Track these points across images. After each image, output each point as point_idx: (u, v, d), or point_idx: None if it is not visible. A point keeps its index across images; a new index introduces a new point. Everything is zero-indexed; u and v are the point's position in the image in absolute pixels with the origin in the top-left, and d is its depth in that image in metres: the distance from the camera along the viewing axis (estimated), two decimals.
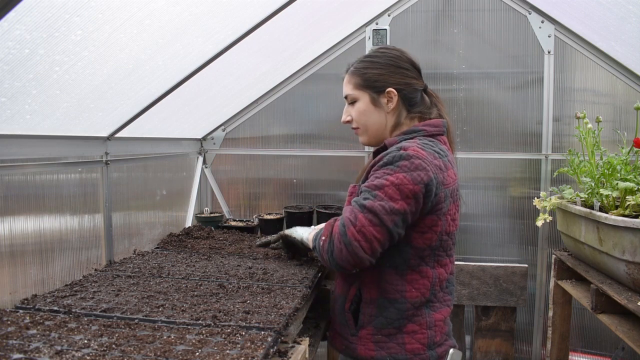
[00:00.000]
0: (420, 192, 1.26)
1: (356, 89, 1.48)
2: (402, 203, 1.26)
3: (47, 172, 1.56)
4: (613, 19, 2.17)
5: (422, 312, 1.37)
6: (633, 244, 1.49)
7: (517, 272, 2.33)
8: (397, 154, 1.30)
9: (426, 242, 1.34)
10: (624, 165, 1.74)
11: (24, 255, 1.46)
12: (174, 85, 1.88)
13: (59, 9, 1.13)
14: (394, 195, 1.26)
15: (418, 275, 1.36)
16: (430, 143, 1.38)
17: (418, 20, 2.69)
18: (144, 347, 1.02)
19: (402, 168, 1.27)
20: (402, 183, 1.26)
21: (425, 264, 1.36)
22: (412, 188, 1.25)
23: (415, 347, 1.35)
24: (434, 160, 1.31)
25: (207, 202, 2.89)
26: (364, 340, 1.39)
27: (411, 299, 1.36)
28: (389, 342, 1.36)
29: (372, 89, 1.46)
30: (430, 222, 1.33)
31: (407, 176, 1.26)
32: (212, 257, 1.84)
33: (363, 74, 1.47)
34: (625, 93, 2.50)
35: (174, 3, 1.44)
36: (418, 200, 1.27)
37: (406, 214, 1.27)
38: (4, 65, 1.17)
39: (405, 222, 1.29)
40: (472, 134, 2.67)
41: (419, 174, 1.26)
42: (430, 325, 1.37)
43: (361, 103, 1.48)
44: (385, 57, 1.48)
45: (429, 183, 1.27)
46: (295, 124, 2.83)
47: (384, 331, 1.37)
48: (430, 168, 1.28)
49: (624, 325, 1.58)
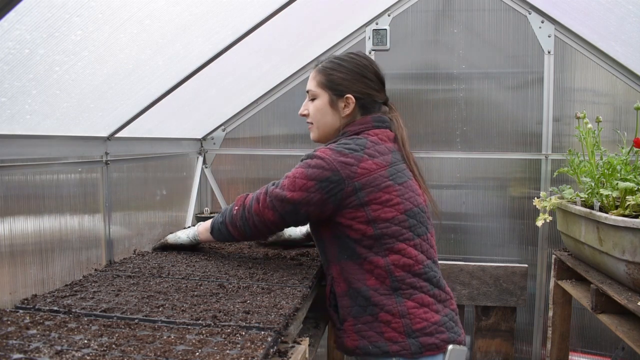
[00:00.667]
0: (313, 187, 1.39)
1: (319, 87, 1.56)
2: (293, 194, 1.41)
3: (47, 172, 1.56)
4: (613, 19, 2.17)
5: (392, 301, 1.40)
6: (633, 244, 1.49)
7: (517, 272, 2.33)
8: (307, 154, 1.47)
9: (359, 232, 1.41)
10: (624, 165, 1.74)
11: (24, 255, 1.46)
12: (174, 85, 1.88)
13: (59, 9, 1.13)
14: (289, 186, 1.43)
15: (371, 264, 1.42)
16: (348, 141, 1.46)
17: (418, 20, 2.69)
18: (144, 347, 1.02)
19: (304, 165, 1.44)
20: (297, 177, 1.42)
21: (374, 254, 1.42)
22: (305, 182, 1.40)
23: (392, 335, 1.39)
24: (339, 158, 1.40)
25: (207, 202, 2.89)
26: (348, 332, 1.45)
27: (372, 287, 1.41)
28: (369, 331, 1.41)
29: (333, 90, 1.54)
30: (349, 214, 1.41)
31: (304, 172, 1.42)
32: (212, 257, 1.84)
33: (329, 74, 1.54)
34: (625, 93, 2.50)
35: (174, 3, 1.44)
36: (311, 194, 1.39)
37: (297, 204, 1.42)
38: (4, 65, 1.17)
39: (298, 212, 1.43)
40: (472, 134, 2.67)
41: (315, 171, 1.40)
42: (403, 314, 1.39)
43: (320, 101, 1.56)
44: (352, 64, 1.54)
45: (325, 180, 1.39)
46: (295, 124, 2.83)
47: (362, 319, 1.42)
48: (329, 166, 1.39)
49: (624, 325, 1.58)
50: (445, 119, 2.69)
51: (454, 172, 2.70)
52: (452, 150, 2.69)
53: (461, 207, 2.71)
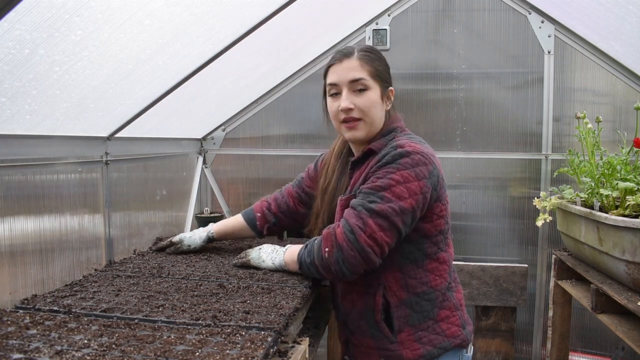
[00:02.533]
0: (425, 186, 1.28)
1: (371, 77, 1.38)
2: (410, 201, 1.25)
3: (47, 172, 1.56)
4: (613, 19, 2.17)
5: (448, 296, 1.39)
6: (633, 244, 1.49)
7: (517, 272, 2.33)
8: (396, 153, 1.29)
9: (437, 229, 1.36)
10: (624, 165, 1.74)
11: (24, 255, 1.46)
12: (174, 85, 1.88)
13: (59, 9, 1.13)
14: (402, 194, 1.25)
15: (436, 262, 1.38)
16: (412, 135, 1.42)
17: (418, 20, 2.69)
18: (144, 347, 1.02)
19: (404, 165, 1.27)
20: (408, 180, 1.25)
21: (440, 250, 1.39)
22: (418, 184, 1.26)
23: (453, 331, 1.37)
24: (428, 150, 1.34)
25: (207, 202, 2.89)
26: (406, 343, 1.35)
27: (437, 287, 1.37)
28: (429, 335, 1.36)
29: (383, 82, 1.42)
30: (437, 209, 1.35)
31: (412, 173, 1.26)
32: (212, 257, 1.84)
33: (376, 66, 1.40)
34: (625, 93, 2.50)
35: (174, 3, 1.44)
36: (425, 195, 1.28)
37: (415, 210, 1.28)
38: (4, 65, 1.17)
39: (415, 219, 1.30)
40: (472, 134, 2.67)
41: (421, 169, 1.28)
42: (457, 306, 1.40)
43: (374, 93, 1.38)
44: (383, 57, 1.49)
45: (431, 175, 1.30)
46: (295, 124, 2.83)
47: (421, 326, 1.36)
48: (428, 160, 1.30)
49: (624, 325, 1.58)
50: (445, 119, 2.69)
51: (454, 172, 2.70)
52: (452, 150, 2.69)
53: (461, 207, 2.71)
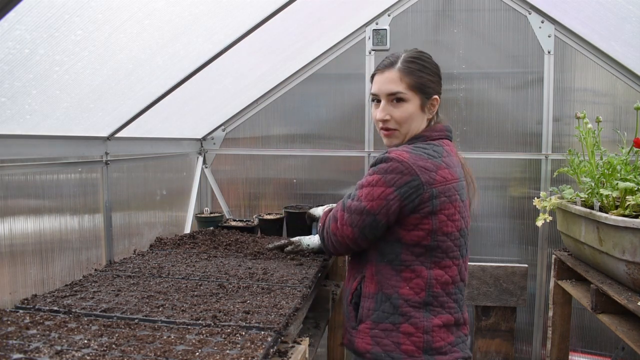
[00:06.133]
0: (392, 194, 1.31)
1: (410, 90, 1.44)
2: (372, 204, 1.33)
3: (47, 172, 1.56)
4: (613, 19, 2.17)
5: (419, 315, 1.36)
6: (633, 244, 1.49)
7: (517, 272, 2.33)
8: (379, 157, 1.37)
9: (414, 239, 1.35)
10: (624, 165, 1.74)
11: (24, 255, 1.46)
12: (174, 85, 1.88)
13: (59, 9, 1.13)
14: (367, 196, 1.34)
15: (413, 273, 1.36)
16: (426, 146, 1.40)
17: (418, 20, 2.69)
18: (144, 347, 1.02)
19: (379, 170, 1.34)
20: (376, 184, 1.33)
21: (420, 263, 1.36)
22: (384, 190, 1.32)
23: (410, 349, 1.35)
24: (419, 162, 1.33)
25: (207, 202, 2.89)
26: (362, 334, 1.40)
27: (404, 296, 1.36)
28: (384, 339, 1.37)
29: (424, 93, 1.46)
30: (415, 220, 1.34)
31: (382, 178, 1.33)
32: (212, 257, 1.84)
33: (419, 76, 1.45)
34: (625, 93, 2.50)
35: (174, 3, 1.44)
36: (390, 201, 1.31)
37: (376, 214, 1.33)
38: (4, 65, 1.17)
39: (378, 222, 1.34)
40: (472, 134, 2.67)
41: (393, 177, 1.31)
42: (427, 330, 1.35)
43: (411, 105, 1.44)
44: (432, 64, 1.51)
45: (404, 185, 1.31)
46: (295, 124, 2.83)
47: (380, 326, 1.38)
48: (408, 170, 1.31)
49: (624, 325, 1.58)
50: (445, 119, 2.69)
51: None
52: None
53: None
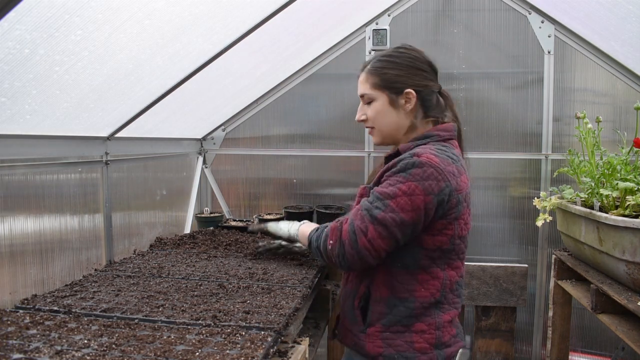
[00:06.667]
0: (431, 202, 1.27)
1: (374, 89, 1.46)
2: (412, 214, 1.27)
3: (47, 172, 1.56)
4: (613, 19, 2.17)
5: (432, 313, 1.38)
6: (633, 244, 1.49)
7: (517, 272, 2.33)
8: (410, 161, 1.30)
9: (436, 244, 1.34)
10: (624, 165, 1.74)
11: (24, 255, 1.46)
12: (174, 85, 1.88)
13: (59, 9, 1.13)
14: (405, 206, 1.27)
15: (429, 276, 1.37)
16: (444, 148, 1.38)
17: (418, 20, 2.69)
18: (144, 347, 1.02)
19: (414, 176, 1.28)
20: (413, 193, 1.27)
21: (436, 266, 1.37)
22: (424, 199, 1.26)
23: (423, 347, 1.36)
24: (448, 167, 1.31)
25: (207, 202, 2.89)
26: (372, 337, 1.39)
27: (420, 299, 1.36)
28: (396, 340, 1.37)
29: (390, 89, 1.45)
30: (441, 225, 1.33)
31: (419, 186, 1.27)
32: (212, 257, 1.84)
33: (382, 73, 1.46)
34: (625, 93, 2.50)
35: (174, 3, 1.44)
36: (429, 210, 1.28)
37: (416, 224, 1.28)
38: (4, 65, 1.17)
39: (415, 231, 1.30)
40: (472, 134, 2.67)
41: (431, 184, 1.27)
42: (438, 326, 1.38)
43: (378, 103, 1.46)
44: (404, 58, 1.47)
45: (441, 192, 1.28)
46: (295, 124, 2.83)
47: (392, 328, 1.37)
48: (442, 176, 1.28)
49: (624, 325, 1.58)
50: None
51: None
52: None
53: None
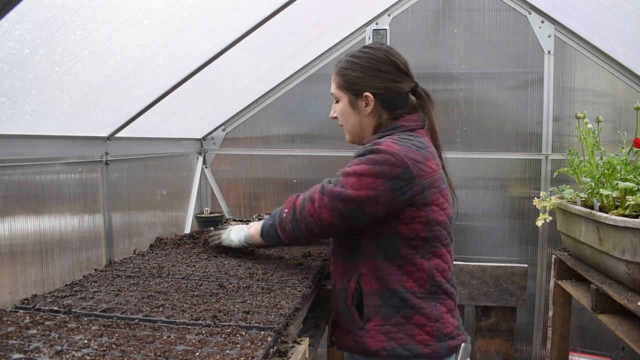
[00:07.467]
0: (382, 185, 1.29)
1: (338, 89, 1.50)
2: (359, 193, 1.30)
3: (47, 172, 1.56)
4: (613, 19, 2.17)
5: (429, 305, 1.38)
6: (633, 244, 1.49)
7: (517, 272, 2.34)
8: (368, 148, 1.35)
9: (412, 232, 1.35)
10: (624, 165, 1.74)
11: (24, 255, 1.46)
12: (174, 85, 1.88)
13: (59, 9, 1.13)
14: (353, 184, 1.32)
15: (414, 267, 1.37)
16: (409, 137, 1.40)
17: (418, 20, 2.69)
18: (144, 347, 1.02)
19: (369, 160, 1.32)
20: (364, 174, 1.31)
21: (420, 256, 1.37)
22: (374, 181, 1.30)
23: (424, 338, 1.36)
24: (409, 154, 1.32)
25: (207, 202, 2.89)
26: (373, 332, 1.38)
27: (410, 289, 1.37)
28: (398, 333, 1.36)
29: (350, 91, 1.47)
30: (411, 213, 1.34)
31: (371, 169, 1.31)
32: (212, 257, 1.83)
33: (344, 75, 1.48)
34: (625, 93, 2.50)
35: (174, 3, 1.44)
36: (381, 194, 1.30)
37: (363, 204, 1.31)
38: (4, 65, 1.17)
39: (363, 213, 1.32)
40: (472, 134, 2.67)
41: (384, 169, 1.30)
42: (437, 318, 1.38)
43: (342, 103, 1.51)
44: (366, 59, 1.46)
45: (396, 178, 1.30)
46: (295, 124, 2.83)
47: (391, 321, 1.37)
48: (400, 163, 1.30)
49: (624, 325, 1.58)
50: (445, 119, 2.69)
51: (454, 172, 2.69)
52: (452, 150, 2.69)
53: (461, 207, 2.71)
